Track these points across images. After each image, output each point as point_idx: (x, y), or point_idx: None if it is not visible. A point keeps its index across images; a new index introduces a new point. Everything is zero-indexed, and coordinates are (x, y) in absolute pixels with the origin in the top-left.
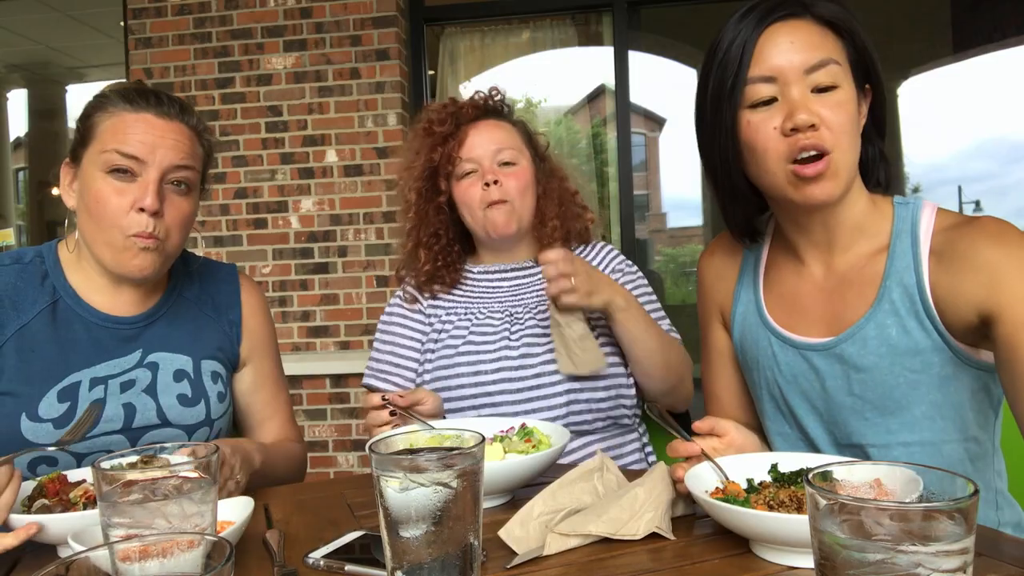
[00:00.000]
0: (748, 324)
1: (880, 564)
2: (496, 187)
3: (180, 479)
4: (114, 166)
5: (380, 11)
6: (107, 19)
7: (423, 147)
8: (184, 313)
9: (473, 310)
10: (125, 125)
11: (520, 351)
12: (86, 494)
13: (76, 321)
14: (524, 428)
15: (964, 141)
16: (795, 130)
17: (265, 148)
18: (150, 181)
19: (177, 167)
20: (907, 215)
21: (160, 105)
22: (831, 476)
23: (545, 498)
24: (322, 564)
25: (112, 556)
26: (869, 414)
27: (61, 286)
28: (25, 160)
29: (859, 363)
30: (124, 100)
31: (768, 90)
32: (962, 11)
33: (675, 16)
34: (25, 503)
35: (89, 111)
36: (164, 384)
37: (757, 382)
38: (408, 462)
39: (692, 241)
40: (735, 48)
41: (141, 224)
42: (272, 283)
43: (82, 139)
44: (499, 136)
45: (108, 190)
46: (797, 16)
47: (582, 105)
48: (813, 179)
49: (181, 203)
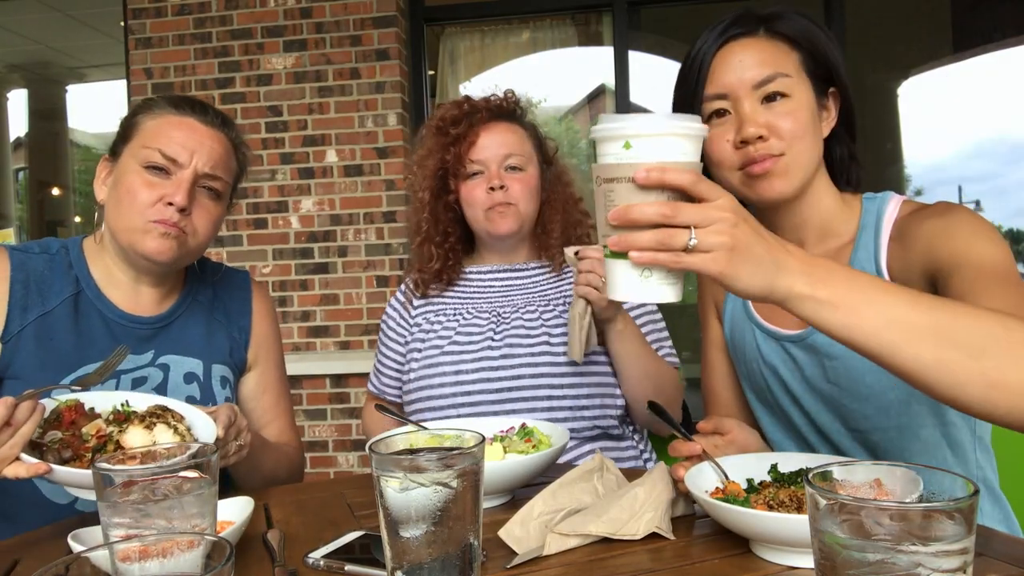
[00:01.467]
0: (736, 318)
1: (880, 564)
2: (501, 192)
3: (180, 479)
4: (151, 163)
5: (380, 11)
6: (107, 19)
7: (436, 146)
8: (197, 317)
9: (462, 310)
10: (169, 126)
11: (502, 351)
12: (99, 432)
13: (95, 315)
14: (524, 428)
15: (964, 141)
16: (745, 142)
17: (265, 148)
18: (183, 180)
19: (210, 174)
20: (873, 208)
21: (204, 114)
22: (831, 476)
23: (545, 498)
24: (322, 564)
25: (112, 556)
26: (845, 400)
27: (84, 278)
28: (25, 160)
29: (830, 351)
30: (170, 104)
31: (720, 106)
32: (962, 11)
33: (675, 16)
34: (41, 425)
35: (134, 111)
36: (175, 384)
37: (744, 374)
38: (408, 462)
39: None
40: (694, 65)
41: (166, 213)
42: (272, 283)
43: (124, 135)
44: (509, 140)
45: (140, 182)
46: (750, 34)
47: (582, 105)
48: (763, 176)
49: (210, 206)
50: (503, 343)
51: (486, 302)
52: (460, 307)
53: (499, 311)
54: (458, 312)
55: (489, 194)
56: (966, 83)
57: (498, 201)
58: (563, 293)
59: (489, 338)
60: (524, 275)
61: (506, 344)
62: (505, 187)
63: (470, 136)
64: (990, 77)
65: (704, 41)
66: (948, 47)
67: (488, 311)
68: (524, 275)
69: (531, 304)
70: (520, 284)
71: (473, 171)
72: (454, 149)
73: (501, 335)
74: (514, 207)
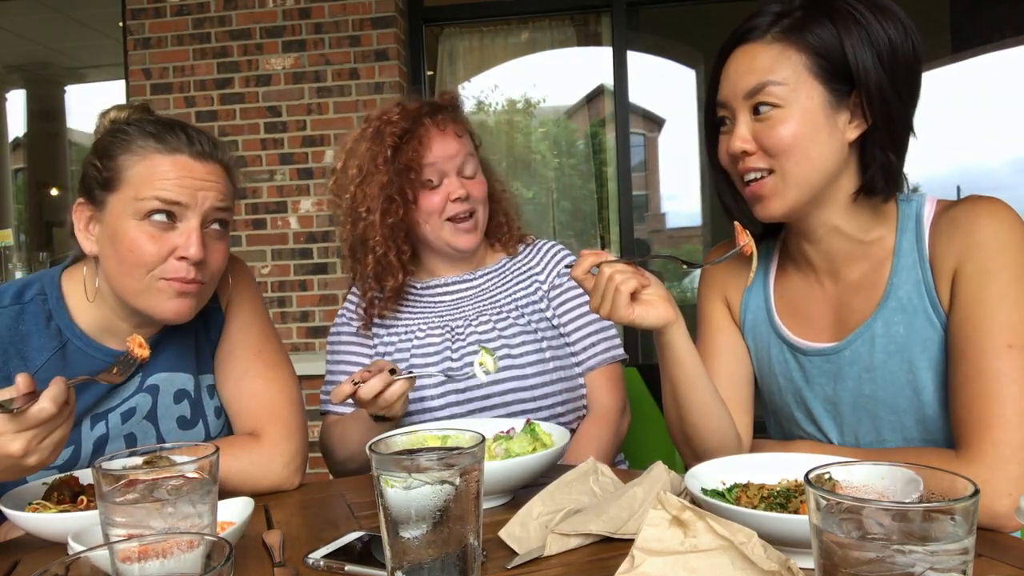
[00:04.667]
0: (759, 332)
1: (880, 564)
2: (466, 201)
3: (180, 479)
4: (152, 212)
5: (379, 11)
6: (106, 20)
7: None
8: (182, 328)
9: (414, 328)
10: (162, 170)
11: (463, 369)
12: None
13: (86, 361)
14: (529, 425)
15: (963, 141)
16: (734, 156)
17: (264, 148)
18: (192, 229)
19: (217, 209)
20: (911, 212)
21: (192, 145)
22: (831, 476)
23: (543, 499)
24: (322, 564)
25: (112, 556)
26: (882, 413)
27: (67, 328)
28: (24, 160)
29: (868, 363)
30: (153, 139)
31: (724, 114)
32: (960, 12)
33: (674, 16)
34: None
35: (112, 150)
36: (164, 408)
37: (772, 388)
38: (409, 462)
39: (691, 241)
40: (715, 67)
41: (180, 271)
42: (271, 283)
43: (106, 182)
44: (458, 145)
45: (144, 238)
46: (758, 37)
47: (581, 105)
48: (755, 200)
49: (220, 246)
50: (461, 361)
51: (437, 317)
52: (411, 324)
53: (451, 325)
54: (410, 331)
55: (452, 204)
56: (965, 84)
57: (462, 211)
58: (513, 296)
59: (447, 358)
60: (473, 284)
61: (464, 363)
62: (469, 195)
63: (421, 142)
64: (989, 78)
65: (725, 42)
66: (947, 48)
67: (440, 326)
68: (473, 284)
69: (483, 314)
70: (471, 294)
71: (429, 179)
72: (402, 158)
73: (459, 353)
74: (474, 219)
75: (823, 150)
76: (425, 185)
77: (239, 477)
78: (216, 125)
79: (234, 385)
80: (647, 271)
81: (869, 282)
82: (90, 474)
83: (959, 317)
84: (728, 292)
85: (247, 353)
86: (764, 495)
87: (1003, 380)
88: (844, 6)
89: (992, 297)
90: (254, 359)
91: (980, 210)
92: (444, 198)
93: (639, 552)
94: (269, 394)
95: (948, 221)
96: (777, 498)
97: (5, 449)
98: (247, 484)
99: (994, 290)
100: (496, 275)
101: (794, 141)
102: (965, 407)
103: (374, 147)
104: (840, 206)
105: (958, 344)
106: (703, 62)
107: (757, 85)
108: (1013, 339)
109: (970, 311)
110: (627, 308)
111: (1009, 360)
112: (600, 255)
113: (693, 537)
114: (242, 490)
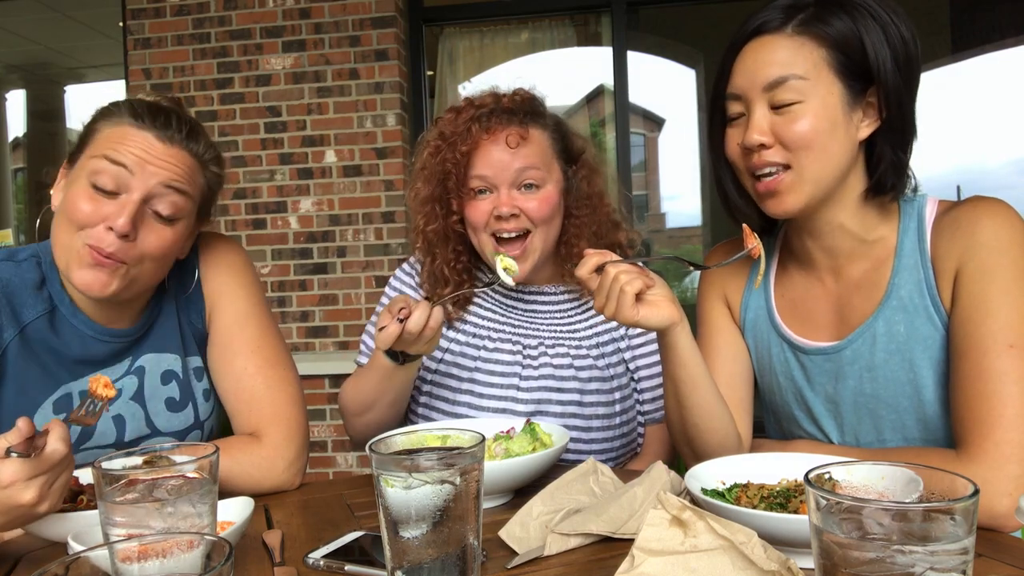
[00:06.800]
0: (760, 331)
1: (880, 564)
2: (513, 220)
3: (180, 479)
4: (99, 173)
5: (379, 11)
6: (106, 20)
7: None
8: (167, 310)
9: (482, 331)
10: (124, 136)
11: (528, 406)
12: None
13: (71, 332)
14: (529, 424)
15: (963, 141)
16: (749, 149)
17: (264, 148)
18: (129, 203)
19: (165, 192)
20: (913, 211)
21: (166, 128)
22: (831, 476)
23: (543, 499)
24: (322, 564)
25: (112, 556)
26: (883, 412)
27: (57, 294)
28: (23, 160)
29: (869, 362)
30: (131, 114)
31: (737, 107)
32: (961, 12)
33: (674, 16)
34: None
35: (96, 117)
36: (152, 389)
37: (772, 387)
38: (408, 462)
39: (691, 241)
40: (725, 60)
41: (103, 240)
42: (271, 283)
43: (81, 141)
44: (523, 152)
45: (84, 197)
46: (776, 29)
47: (581, 105)
48: (770, 194)
49: (162, 231)
50: (530, 396)
51: (510, 327)
52: (480, 325)
53: (523, 343)
54: (479, 334)
55: (496, 222)
56: (965, 84)
57: (507, 229)
58: (594, 330)
59: (515, 385)
60: (549, 300)
61: (535, 400)
62: (518, 214)
63: (465, 148)
64: (989, 78)
65: (737, 33)
66: (947, 48)
67: (510, 339)
68: (549, 300)
69: (559, 341)
70: (545, 311)
71: (477, 187)
72: (441, 164)
73: (527, 383)
74: (525, 242)
75: (840, 147)
76: (469, 195)
77: (240, 479)
78: (216, 125)
79: (234, 382)
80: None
81: (870, 281)
82: (90, 474)
83: (960, 317)
84: (728, 292)
85: (245, 348)
86: (764, 495)
87: (1004, 380)
88: (860, 3)
89: (993, 297)
90: (252, 354)
91: (982, 210)
92: (489, 210)
93: (639, 552)
94: (270, 393)
95: (950, 221)
96: (777, 498)
97: (18, 499)
98: (248, 485)
99: (995, 290)
100: (575, 298)
101: (815, 136)
102: (966, 407)
103: (423, 150)
104: (849, 204)
105: (959, 344)
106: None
107: (779, 78)
108: (1014, 339)
109: (971, 311)
110: (632, 309)
111: (1010, 360)
112: (605, 255)
113: (693, 537)
114: (243, 491)
